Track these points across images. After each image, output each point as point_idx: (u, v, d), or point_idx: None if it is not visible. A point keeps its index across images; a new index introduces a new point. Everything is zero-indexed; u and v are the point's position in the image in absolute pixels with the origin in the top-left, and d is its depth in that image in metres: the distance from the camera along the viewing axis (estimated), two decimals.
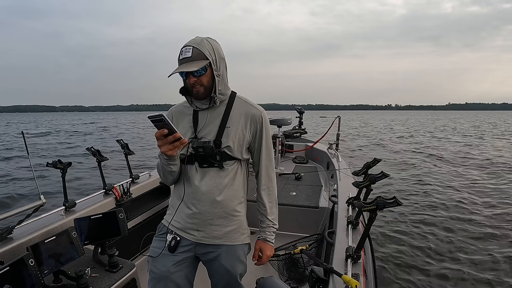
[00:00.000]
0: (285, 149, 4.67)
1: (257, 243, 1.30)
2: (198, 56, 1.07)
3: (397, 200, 1.12)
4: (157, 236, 1.27)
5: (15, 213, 1.48)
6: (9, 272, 1.09)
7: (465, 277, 3.09)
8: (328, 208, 2.49)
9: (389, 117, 71.73)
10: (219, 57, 1.12)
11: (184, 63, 1.07)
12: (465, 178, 7.28)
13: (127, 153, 2.32)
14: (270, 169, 1.28)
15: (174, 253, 1.20)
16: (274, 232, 1.30)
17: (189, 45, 1.08)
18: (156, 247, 1.24)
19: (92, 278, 1.40)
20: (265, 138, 1.23)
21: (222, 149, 1.15)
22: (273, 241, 1.31)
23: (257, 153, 1.25)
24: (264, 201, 1.28)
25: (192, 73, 1.08)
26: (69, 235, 1.39)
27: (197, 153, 1.16)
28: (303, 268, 1.97)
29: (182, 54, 1.08)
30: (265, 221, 1.29)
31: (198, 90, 1.11)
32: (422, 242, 3.86)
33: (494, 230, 4.16)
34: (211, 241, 1.20)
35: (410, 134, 20.77)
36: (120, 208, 1.67)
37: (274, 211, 1.30)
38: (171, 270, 1.19)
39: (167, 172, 1.16)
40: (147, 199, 2.46)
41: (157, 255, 1.20)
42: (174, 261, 1.20)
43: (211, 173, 1.17)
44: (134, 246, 2.24)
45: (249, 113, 1.19)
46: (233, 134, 1.16)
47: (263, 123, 1.21)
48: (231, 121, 1.17)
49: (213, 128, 1.17)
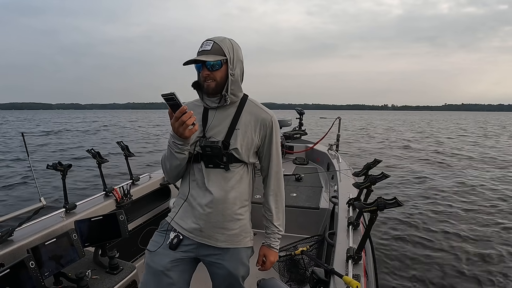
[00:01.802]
0: (286, 150, 4.67)
1: (262, 249, 1.28)
2: (217, 51, 1.08)
3: (398, 201, 1.12)
4: (159, 232, 1.25)
5: (15, 215, 1.47)
6: (10, 274, 1.09)
7: (466, 278, 3.08)
8: (328, 209, 2.49)
9: (389, 117, 71.71)
10: (237, 58, 1.13)
11: (202, 54, 1.08)
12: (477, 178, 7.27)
13: (127, 155, 2.32)
14: (279, 175, 1.27)
15: (175, 250, 1.19)
16: (279, 238, 1.28)
17: (210, 39, 1.10)
18: (156, 241, 1.22)
19: (92, 280, 1.40)
20: (275, 143, 1.22)
21: (230, 150, 1.14)
22: (278, 248, 1.29)
23: (266, 158, 1.24)
24: (271, 206, 1.26)
25: (206, 66, 1.08)
26: (69, 237, 1.39)
27: (204, 152, 1.15)
28: (304, 269, 1.97)
29: (201, 47, 1.09)
30: (270, 227, 1.27)
31: (209, 85, 1.11)
32: (423, 243, 3.85)
33: (496, 231, 4.16)
34: (214, 244, 1.19)
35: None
36: (121, 210, 1.67)
37: (280, 217, 1.28)
38: (167, 266, 1.17)
39: (174, 163, 1.14)
40: (147, 201, 2.45)
41: (156, 249, 1.19)
42: (173, 258, 1.19)
43: (216, 174, 1.16)
44: (135, 248, 2.24)
45: (259, 117, 1.18)
46: (241, 137, 1.15)
47: (273, 128, 1.20)
48: (241, 123, 1.16)
49: (223, 128, 1.16)
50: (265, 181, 1.29)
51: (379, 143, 15.03)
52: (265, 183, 1.29)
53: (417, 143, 14.74)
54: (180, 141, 1.06)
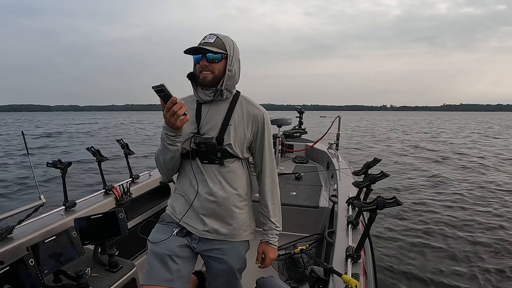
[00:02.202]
0: (285, 149, 4.67)
1: (260, 246, 1.29)
2: (219, 45, 1.11)
3: (397, 200, 1.12)
4: (161, 223, 1.26)
5: (15, 213, 1.47)
6: (9, 272, 1.08)
7: (466, 277, 3.09)
8: (328, 208, 2.49)
9: (392, 117, 71.61)
10: (235, 56, 1.15)
11: (204, 46, 1.10)
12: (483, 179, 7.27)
13: (127, 153, 2.32)
14: (273, 170, 1.28)
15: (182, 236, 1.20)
16: (277, 234, 1.29)
17: (214, 34, 1.13)
18: (159, 231, 1.23)
19: (92, 278, 1.40)
20: (267, 139, 1.23)
21: (224, 146, 1.16)
22: (276, 244, 1.30)
23: (259, 154, 1.25)
24: (267, 202, 1.27)
25: (206, 57, 1.09)
26: (69, 235, 1.39)
27: (198, 148, 1.16)
28: (303, 268, 1.97)
29: (204, 39, 1.12)
30: (267, 223, 1.28)
31: (205, 76, 1.12)
32: (423, 241, 3.86)
33: (499, 232, 4.16)
34: (216, 237, 1.21)
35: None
36: (120, 208, 1.67)
37: (277, 213, 1.29)
38: (175, 251, 1.17)
39: (168, 156, 1.15)
40: (147, 199, 2.45)
41: (161, 235, 1.20)
42: (180, 243, 1.19)
43: (212, 169, 1.17)
44: (134, 246, 2.24)
45: (251, 113, 1.20)
46: (234, 133, 1.17)
47: (264, 124, 1.21)
48: (234, 119, 1.18)
49: (216, 124, 1.17)
50: (259, 177, 1.30)
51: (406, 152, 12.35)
52: (259, 180, 1.30)
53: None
54: (172, 132, 1.07)
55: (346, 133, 19.44)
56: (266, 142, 1.23)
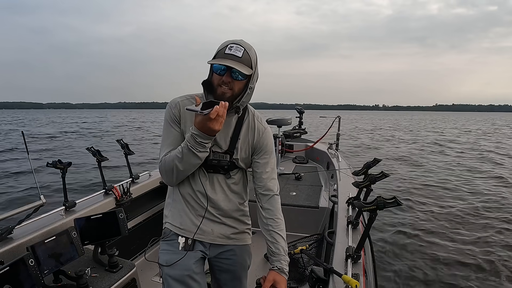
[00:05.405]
0: (285, 149, 4.67)
1: (271, 274, 1.12)
2: (247, 62, 1.02)
3: (397, 200, 1.12)
4: (165, 240, 1.20)
5: (15, 213, 1.47)
6: (9, 272, 1.08)
7: (465, 278, 3.09)
8: (328, 208, 2.49)
9: (393, 117, 71.60)
10: (257, 72, 1.09)
11: (232, 59, 1.00)
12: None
13: (127, 153, 2.32)
14: (275, 186, 1.21)
15: (194, 250, 1.16)
16: (287, 260, 1.16)
17: (240, 44, 1.03)
18: (167, 250, 1.17)
19: (92, 278, 1.40)
20: (269, 153, 1.21)
21: (232, 159, 1.15)
22: (287, 272, 1.16)
23: (261, 167, 1.20)
24: (279, 238, 1.15)
25: (231, 72, 1.01)
26: (69, 235, 1.39)
27: (210, 162, 1.13)
28: (303, 268, 1.97)
29: (230, 50, 1.01)
30: (279, 253, 1.14)
31: (225, 92, 1.04)
32: (423, 242, 3.86)
33: (500, 233, 4.16)
34: (224, 242, 1.21)
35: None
36: (120, 208, 1.67)
37: (285, 237, 1.17)
38: (193, 268, 1.13)
39: (194, 163, 1.06)
40: (147, 199, 2.45)
41: (172, 258, 1.13)
42: (196, 258, 1.16)
43: (218, 178, 1.17)
44: (134, 246, 2.24)
45: (254, 127, 1.18)
46: (240, 146, 1.16)
47: (267, 139, 1.19)
48: (242, 133, 1.16)
49: (226, 137, 1.14)
50: (261, 198, 1.20)
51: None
52: (262, 200, 1.19)
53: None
54: (209, 139, 1.02)
55: (346, 133, 19.44)
56: (269, 155, 1.20)
